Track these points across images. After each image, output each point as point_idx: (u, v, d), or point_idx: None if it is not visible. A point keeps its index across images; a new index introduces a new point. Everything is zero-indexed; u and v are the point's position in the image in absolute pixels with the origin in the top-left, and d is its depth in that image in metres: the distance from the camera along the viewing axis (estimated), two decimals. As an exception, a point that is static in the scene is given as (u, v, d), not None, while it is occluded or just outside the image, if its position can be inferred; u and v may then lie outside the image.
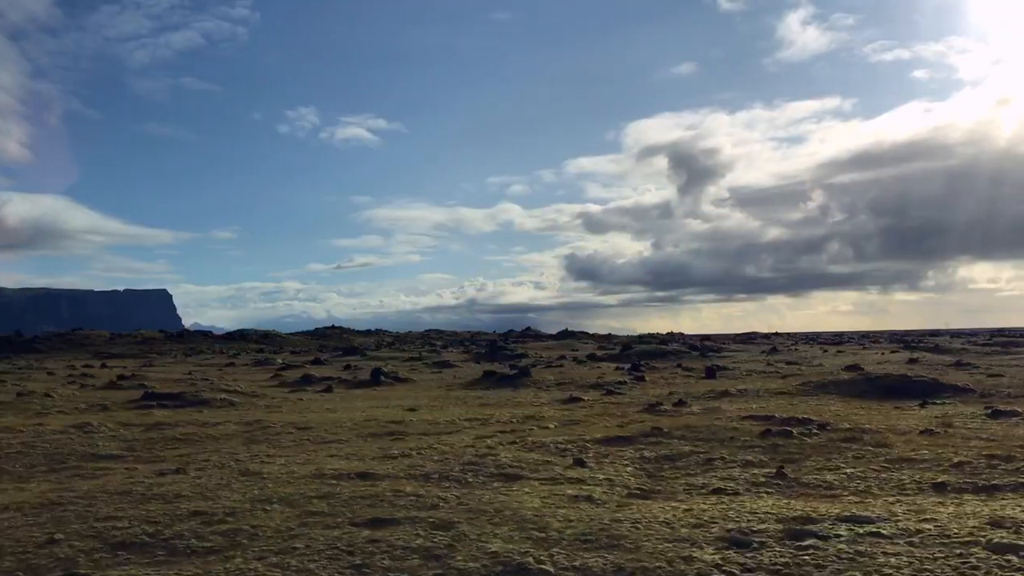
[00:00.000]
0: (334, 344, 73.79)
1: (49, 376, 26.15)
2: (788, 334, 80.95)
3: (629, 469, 7.24)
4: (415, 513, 5.70)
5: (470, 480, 6.86)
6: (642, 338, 65.64)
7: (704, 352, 30.42)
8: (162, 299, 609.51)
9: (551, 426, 10.34)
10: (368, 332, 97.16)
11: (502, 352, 33.27)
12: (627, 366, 23.37)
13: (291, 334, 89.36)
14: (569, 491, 6.31)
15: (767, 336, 66.46)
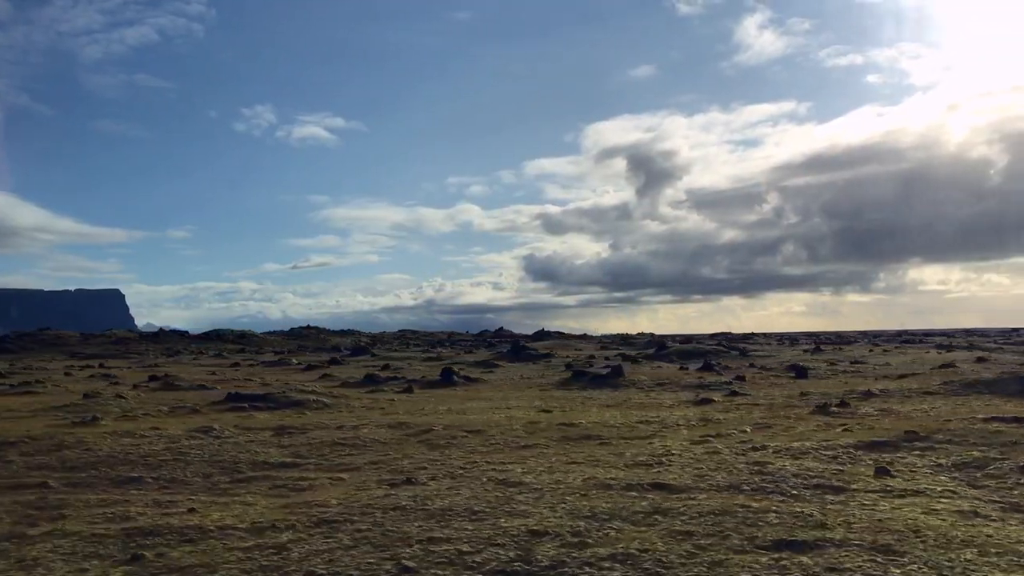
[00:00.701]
0: (313, 344, 71.93)
1: (67, 376, 24.46)
2: (748, 334, 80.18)
3: (943, 478, 6.45)
4: (815, 533, 4.83)
5: (796, 492, 6.00)
6: (628, 338, 65.29)
7: (743, 352, 29.85)
8: (115, 299, 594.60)
9: (747, 429, 9.51)
10: (344, 332, 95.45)
11: (527, 351, 32.30)
12: (698, 365, 22.58)
13: (267, 334, 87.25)
14: (943, 506, 5.49)
15: (757, 335, 66.52)
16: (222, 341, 77.18)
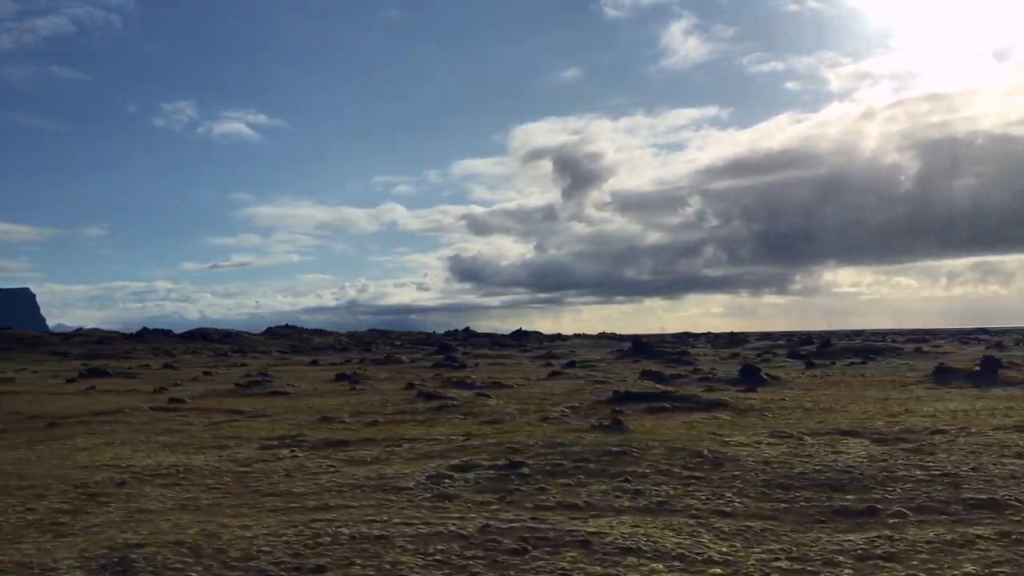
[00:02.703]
0: (294, 344, 72.03)
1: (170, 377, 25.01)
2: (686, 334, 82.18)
3: None
4: None
5: None
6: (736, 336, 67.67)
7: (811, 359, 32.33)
8: (25, 298, 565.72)
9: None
10: (322, 332, 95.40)
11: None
12: (801, 364, 24.79)
13: (249, 334, 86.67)
14: None
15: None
16: (207, 340, 76.33)
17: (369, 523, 5.61)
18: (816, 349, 32.81)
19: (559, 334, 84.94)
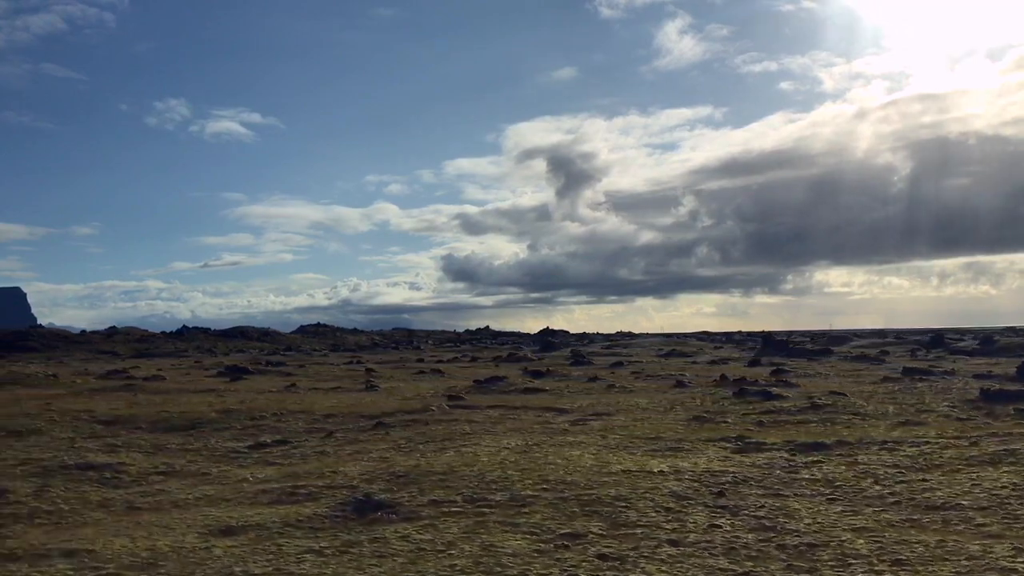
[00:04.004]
0: (334, 343, 70.92)
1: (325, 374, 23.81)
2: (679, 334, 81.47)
3: None
4: None
5: None
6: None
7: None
8: (15, 297, 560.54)
9: None
10: (355, 331, 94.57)
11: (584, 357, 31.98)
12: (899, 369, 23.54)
13: (283, 332, 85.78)
14: None
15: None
16: (246, 339, 75.31)
17: None
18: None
19: (583, 333, 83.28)
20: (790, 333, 74.06)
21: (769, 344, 32.73)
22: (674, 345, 43.75)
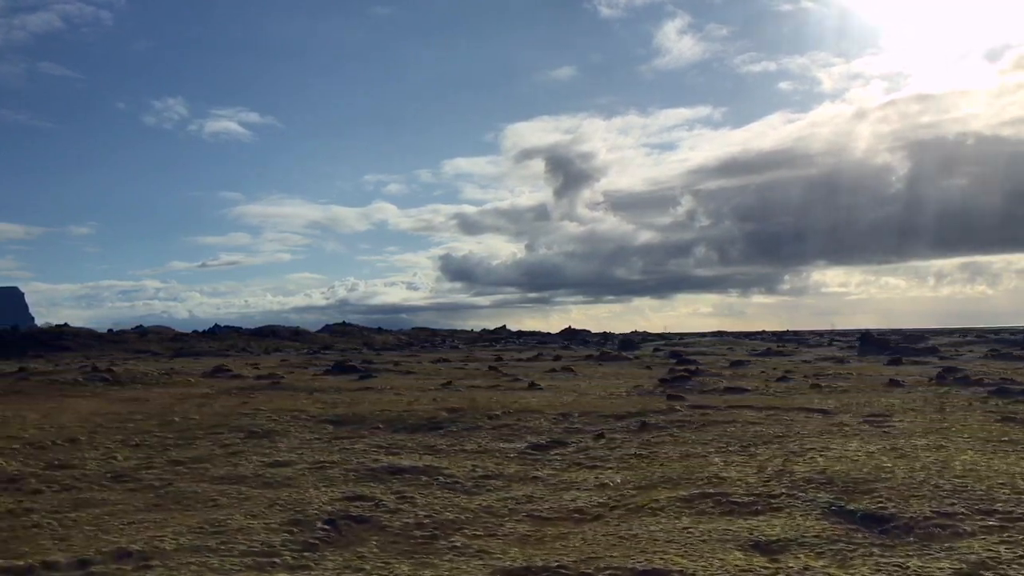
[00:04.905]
0: (365, 341, 69.96)
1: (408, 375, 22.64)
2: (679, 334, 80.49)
3: None
4: None
5: None
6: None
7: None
8: (13, 297, 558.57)
9: None
10: (380, 330, 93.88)
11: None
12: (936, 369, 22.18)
13: (316, 332, 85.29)
14: None
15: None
16: (277, 338, 74.49)
17: None
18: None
19: (606, 332, 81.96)
20: (797, 332, 73.44)
21: (868, 343, 31.56)
22: (738, 344, 42.77)
